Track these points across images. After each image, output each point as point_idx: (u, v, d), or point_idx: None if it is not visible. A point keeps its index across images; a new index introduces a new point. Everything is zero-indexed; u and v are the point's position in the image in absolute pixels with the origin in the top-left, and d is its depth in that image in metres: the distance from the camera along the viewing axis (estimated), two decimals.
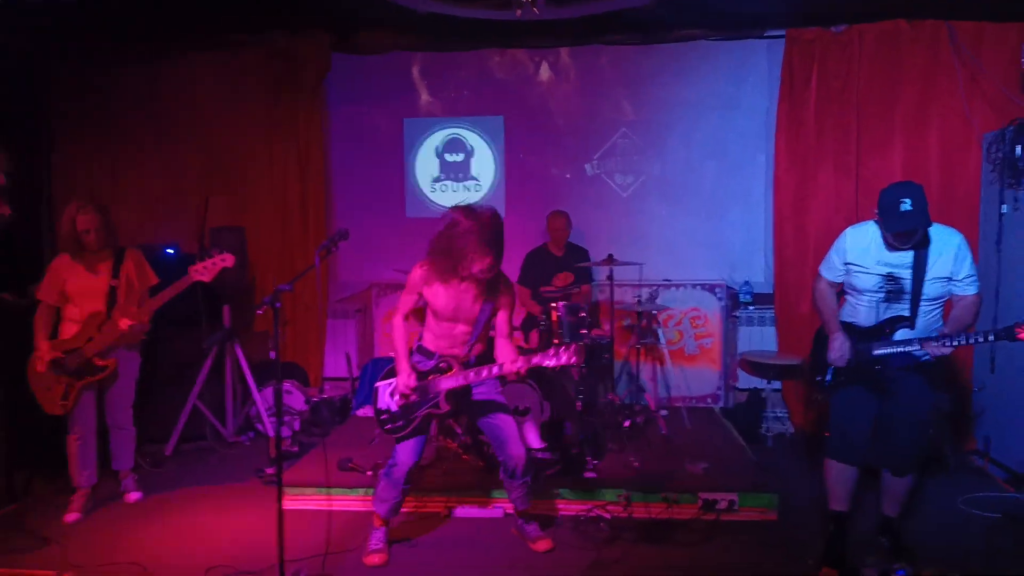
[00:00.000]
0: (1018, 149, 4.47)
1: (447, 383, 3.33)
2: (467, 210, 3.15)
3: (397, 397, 3.42)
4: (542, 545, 3.58)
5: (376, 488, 3.59)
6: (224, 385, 5.36)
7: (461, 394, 3.42)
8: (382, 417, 3.49)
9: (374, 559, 3.47)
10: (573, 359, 2.98)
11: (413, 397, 3.37)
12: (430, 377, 3.39)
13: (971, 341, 3.01)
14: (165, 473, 4.77)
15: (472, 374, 3.29)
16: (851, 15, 5.26)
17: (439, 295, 3.34)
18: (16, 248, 5.23)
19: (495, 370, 3.23)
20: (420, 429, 3.42)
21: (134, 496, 4.29)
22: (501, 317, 3.44)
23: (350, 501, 4.08)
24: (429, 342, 3.48)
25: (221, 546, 3.70)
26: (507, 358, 3.30)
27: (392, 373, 3.49)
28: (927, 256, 3.11)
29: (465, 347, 3.41)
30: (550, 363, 3.02)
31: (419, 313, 3.62)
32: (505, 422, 3.47)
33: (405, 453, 3.43)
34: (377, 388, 3.54)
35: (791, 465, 4.80)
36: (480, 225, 3.08)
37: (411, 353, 3.49)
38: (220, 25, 5.48)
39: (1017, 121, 4.54)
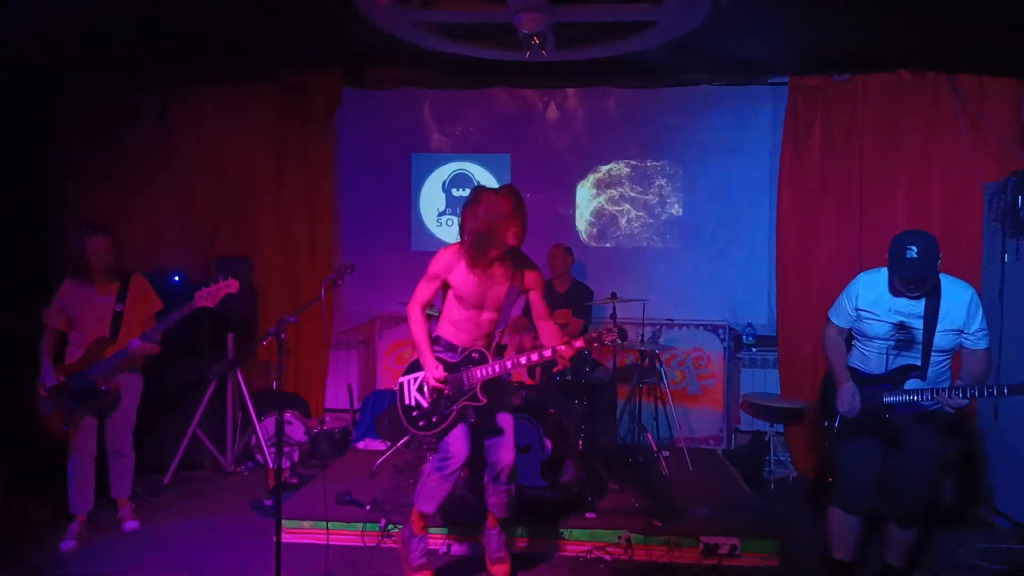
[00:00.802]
0: (1020, 200, 4.52)
1: (483, 372, 3.17)
2: (488, 188, 3.22)
3: (427, 391, 3.25)
4: (499, 570, 3.45)
5: (423, 486, 3.36)
6: (225, 414, 5.34)
7: (495, 385, 3.25)
8: (413, 414, 3.30)
9: None
10: (617, 339, 3.01)
11: (446, 390, 3.22)
12: (462, 369, 3.23)
13: (986, 394, 2.98)
14: (162, 502, 4.73)
15: (509, 363, 3.13)
16: (854, 65, 5.36)
17: (466, 281, 3.19)
18: (22, 272, 5.27)
19: (547, 353, 3.08)
20: (459, 419, 3.25)
21: (131, 525, 4.25)
22: (535, 298, 3.35)
23: (348, 536, 4.03)
24: (450, 334, 3.31)
25: None
26: (554, 340, 3.17)
27: (415, 367, 3.31)
28: (939, 307, 3.11)
29: (488, 339, 3.27)
30: (597, 343, 3.01)
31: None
32: (505, 424, 3.35)
33: (457, 445, 3.23)
34: (402, 383, 3.35)
35: (794, 510, 4.75)
36: (504, 196, 3.13)
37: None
38: (233, 57, 5.56)
39: (1018, 172, 4.59)
